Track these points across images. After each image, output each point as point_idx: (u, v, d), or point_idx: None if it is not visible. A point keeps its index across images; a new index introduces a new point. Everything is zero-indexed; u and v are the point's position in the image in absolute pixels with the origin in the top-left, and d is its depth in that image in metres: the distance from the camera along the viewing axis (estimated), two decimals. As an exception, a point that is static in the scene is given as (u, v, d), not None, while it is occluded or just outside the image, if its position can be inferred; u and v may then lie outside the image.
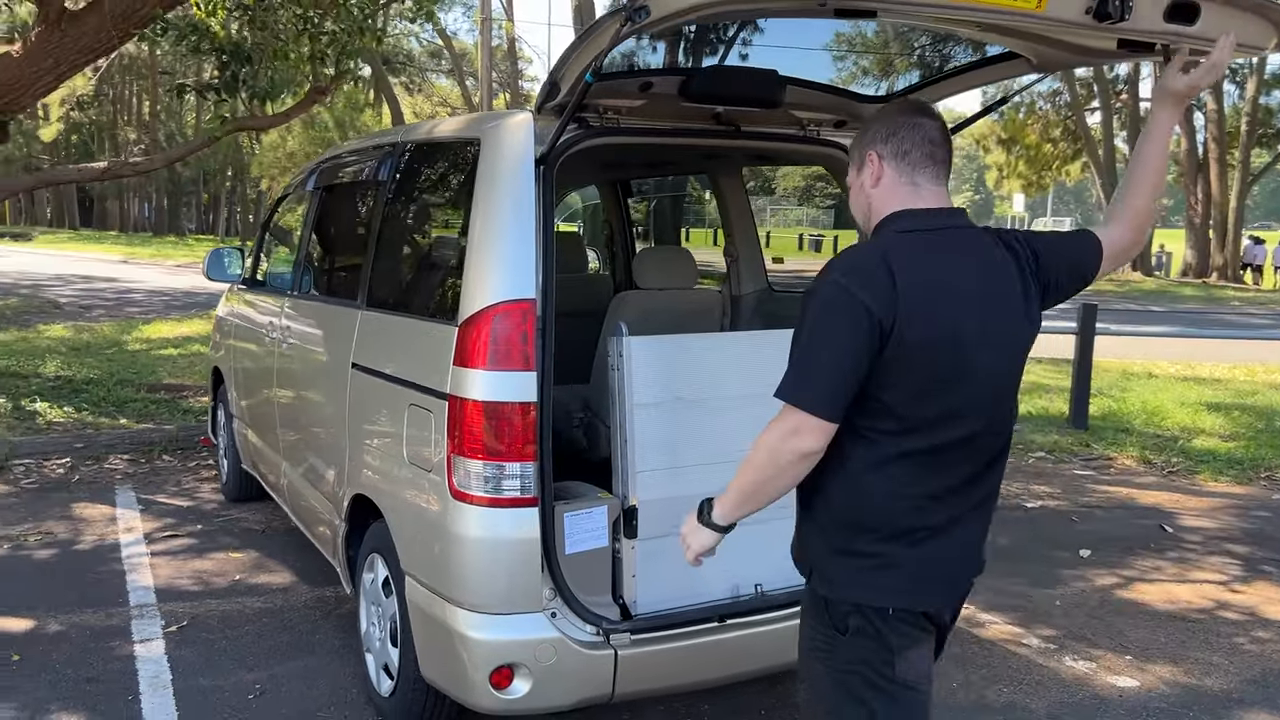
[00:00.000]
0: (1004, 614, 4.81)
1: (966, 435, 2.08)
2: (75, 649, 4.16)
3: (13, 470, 6.70)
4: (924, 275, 2.02)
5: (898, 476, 2.07)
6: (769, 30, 4.72)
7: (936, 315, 2.00)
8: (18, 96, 8.99)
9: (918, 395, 2.03)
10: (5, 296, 17.32)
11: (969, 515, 2.15)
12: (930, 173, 2.14)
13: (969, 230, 2.15)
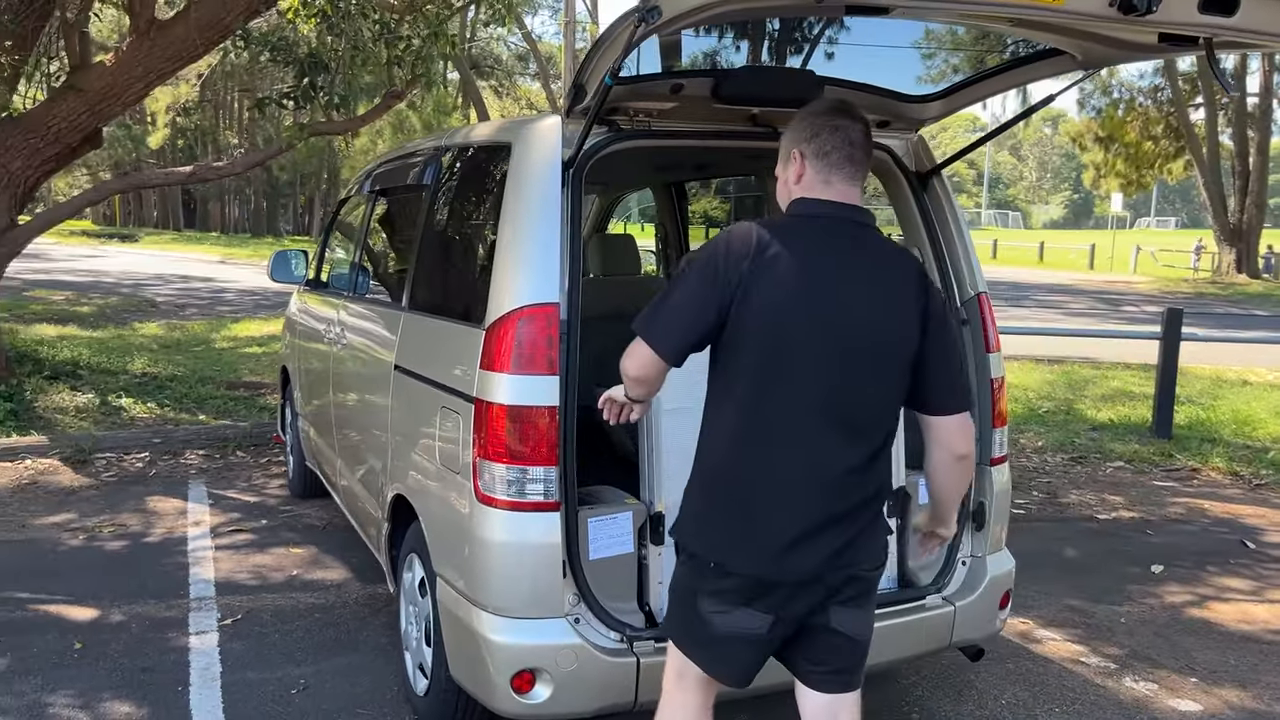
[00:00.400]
0: (1064, 630, 4.64)
1: (797, 416, 2.21)
2: (134, 639, 4.29)
3: (95, 463, 6.97)
4: (788, 252, 2.19)
5: (729, 439, 2.28)
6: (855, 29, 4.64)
7: (780, 291, 2.17)
8: (110, 104, 9.34)
9: (750, 363, 2.22)
10: (107, 295, 18.05)
11: (811, 499, 2.24)
12: (846, 173, 2.28)
13: (865, 230, 2.28)
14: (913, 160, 3.64)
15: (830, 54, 4.22)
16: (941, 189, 3.60)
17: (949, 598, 3.46)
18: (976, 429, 3.41)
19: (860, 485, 2.28)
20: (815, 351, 2.19)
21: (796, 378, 2.20)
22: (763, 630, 2.30)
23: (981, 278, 3.58)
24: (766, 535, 2.24)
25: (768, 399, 2.23)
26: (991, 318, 3.57)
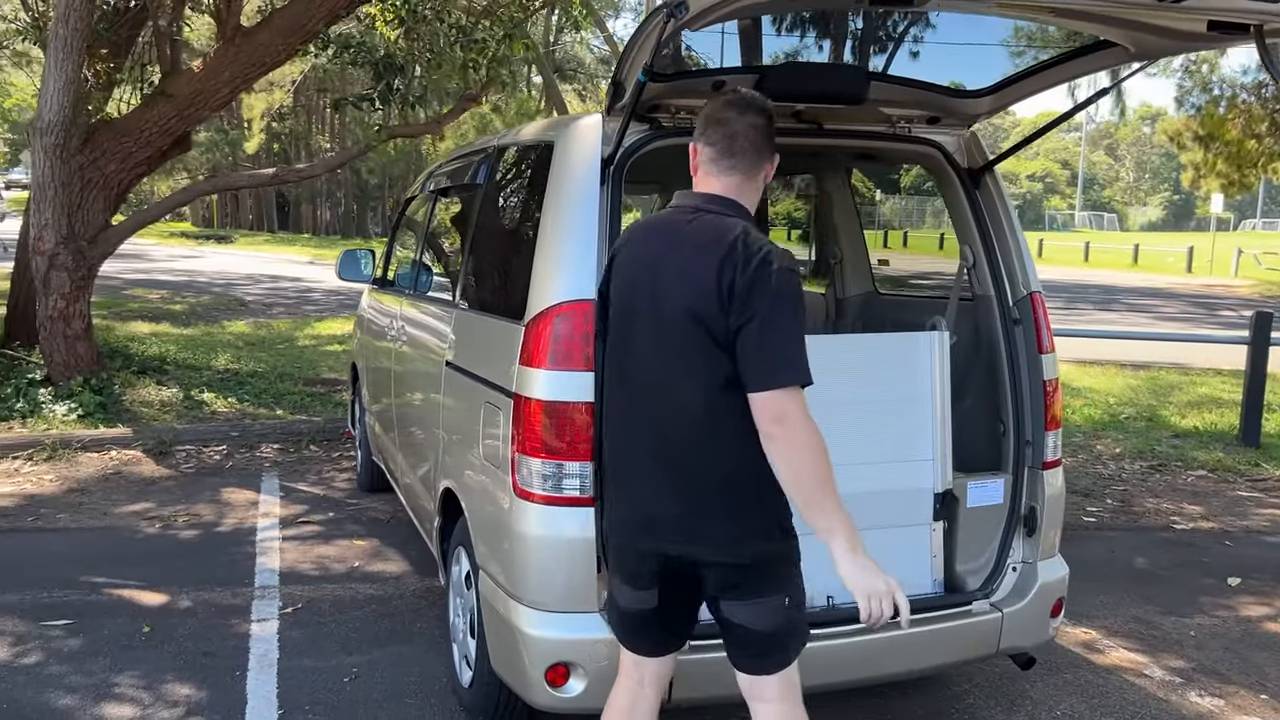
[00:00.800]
0: (1128, 640, 4.50)
1: (635, 397, 2.38)
2: (199, 624, 4.44)
3: (175, 455, 7.22)
4: (632, 245, 2.45)
5: (608, 422, 2.51)
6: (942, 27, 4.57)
7: (620, 280, 2.43)
8: (199, 108, 9.66)
9: (608, 349, 2.49)
10: (199, 295, 18.67)
11: (652, 480, 2.37)
12: (725, 165, 2.37)
13: (701, 214, 2.34)
14: (964, 157, 3.57)
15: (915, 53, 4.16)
16: (994, 186, 3.52)
17: (997, 604, 3.38)
18: (1029, 431, 3.35)
19: (697, 468, 2.31)
20: (641, 335, 2.36)
21: (632, 362, 2.39)
22: (650, 606, 2.45)
23: (1035, 277, 3.50)
24: (624, 512, 2.44)
25: (614, 382, 2.48)
26: (1045, 318, 3.48)
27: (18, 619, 4.46)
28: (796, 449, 2.24)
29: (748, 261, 2.22)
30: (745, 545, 2.34)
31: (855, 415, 3.29)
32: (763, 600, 2.37)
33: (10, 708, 3.69)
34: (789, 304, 2.22)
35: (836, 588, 3.20)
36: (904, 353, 3.37)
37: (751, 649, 2.43)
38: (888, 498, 3.34)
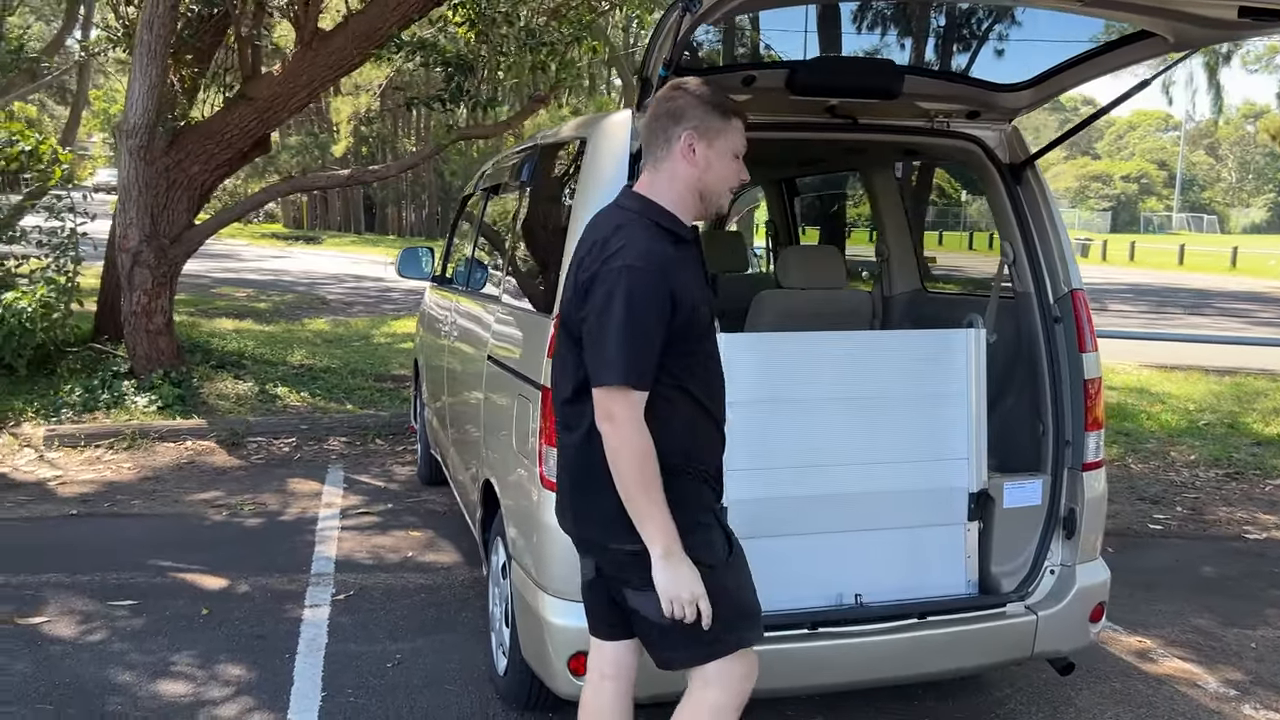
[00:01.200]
0: (1185, 650, 4.37)
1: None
2: (255, 608, 4.59)
3: (246, 446, 7.46)
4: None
5: None
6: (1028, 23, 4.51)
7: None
8: (278, 111, 9.95)
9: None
10: (284, 293, 19.19)
11: (559, 461, 2.52)
12: (644, 159, 2.44)
13: (604, 210, 2.45)
14: (1006, 152, 3.51)
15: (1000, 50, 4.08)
16: (1035, 181, 3.46)
17: (1032, 606, 3.32)
18: (1069, 432, 3.28)
19: (575, 457, 2.41)
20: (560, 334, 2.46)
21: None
22: (589, 576, 2.54)
23: (1076, 274, 3.43)
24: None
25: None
26: (1087, 316, 3.40)
27: (88, 598, 4.67)
28: (615, 450, 2.24)
29: (597, 258, 2.26)
30: (624, 535, 2.31)
31: (889, 412, 3.28)
32: (638, 587, 2.35)
33: (73, 682, 3.86)
34: (622, 302, 2.20)
35: (865, 585, 3.20)
36: (939, 350, 3.33)
37: (652, 640, 2.43)
38: (921, 497, 3.31)
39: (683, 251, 2.36)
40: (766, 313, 4.31)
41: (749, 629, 2.43)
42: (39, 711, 3.65)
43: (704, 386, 2.42)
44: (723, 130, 2.33)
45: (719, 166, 2.35)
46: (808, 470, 3.19)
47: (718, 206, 2.45)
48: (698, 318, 2.34)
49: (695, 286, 2.35)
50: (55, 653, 4.13)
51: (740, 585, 2.44)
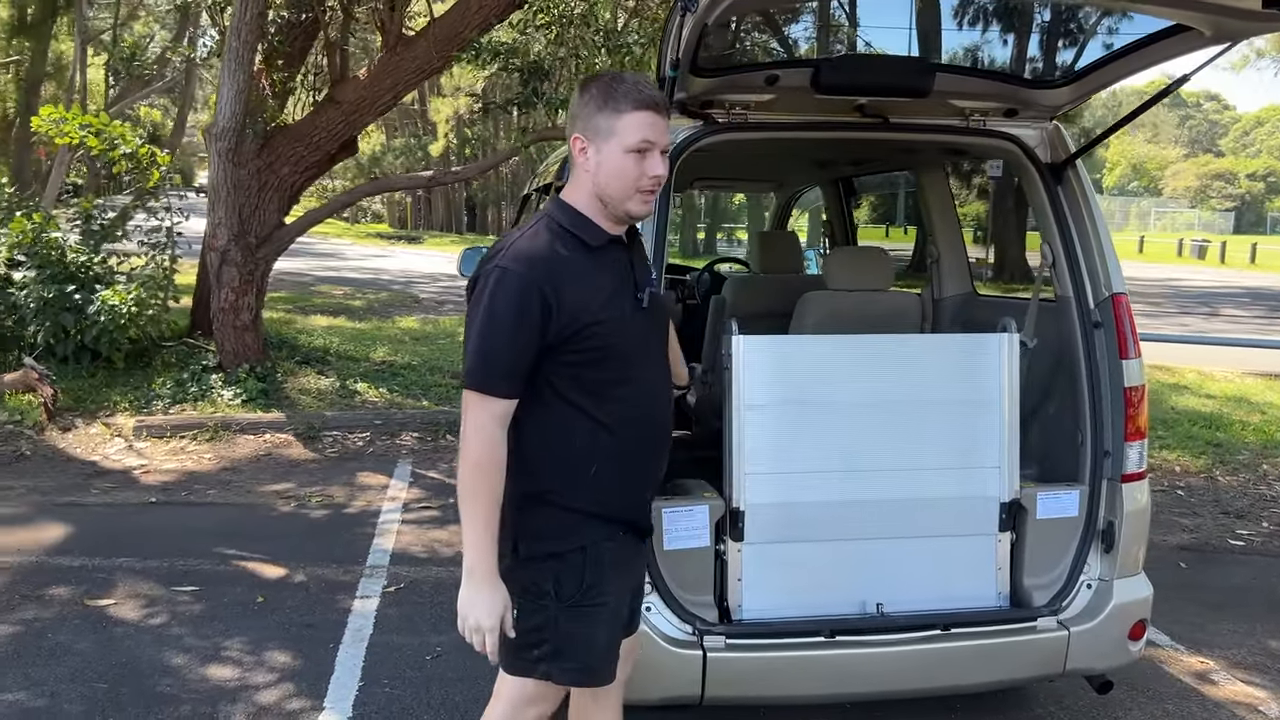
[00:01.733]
0: (1250, 673, 4.16)
1: None
2: (308, 598, 4.73)
3: (322, 439, 7.68)
4: None
5: None
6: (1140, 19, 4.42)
7: None
8: (363, 114, 10.21)
9: None
10: (379, 291, 19.67)
11: None
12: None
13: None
14: (1047, 151, 3.40)
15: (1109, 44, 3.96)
16: (1076, 181, 3.34)
17: (1065, 621, 3.20)
18: (1108, 442, 3.15)
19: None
20: None
21: None
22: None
23: (1119, 277, 3.29)
24: None
25: None
26: (1130, 321, 3.27)
27: (154, 583, 4.87)
28: (460, 451, 2.21)
29: (488, 259, 2.23)
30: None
31: (918, 418, 3.20)
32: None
33: (129, 663, 4.04)
34: (486, 304, 2.16)
35: (888, 594, 3.14)
36: (971, 355, 3.24)
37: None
38: (950, 505, 3.23)
39: (589, 257, 2.24)
40: (810, 314, 4.26)
41: (563, 671, 2.33)
42: (94, 689, 3.82)
43: (609, 411, 2.26)
44: (610, 129, 2.19)
45: (609, 166, 2.21)
46: (830, 475, 3.14)
47: (625, 210, 2.25)
48: (594, 331, 2.20)
49: (595, 296, 2.21)
50: (117, 634, 4.32)
51: (579, 633, 2.31)
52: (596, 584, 2.29)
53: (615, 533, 2.33)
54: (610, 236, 2.29)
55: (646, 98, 2.20)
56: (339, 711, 3.70)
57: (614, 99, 2.19)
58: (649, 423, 2.34)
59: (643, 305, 2.31)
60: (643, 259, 2.42)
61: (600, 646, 2.35)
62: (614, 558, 2.33)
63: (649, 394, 2.34)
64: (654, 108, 2.21)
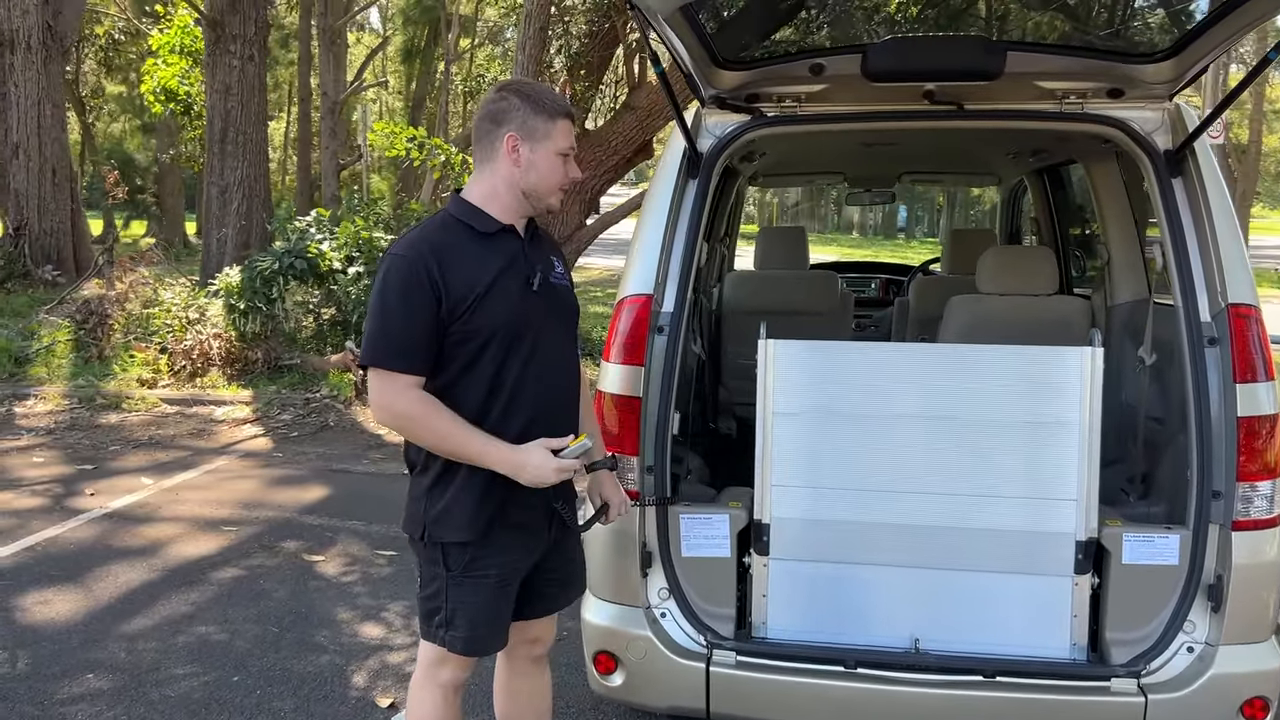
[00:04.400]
0: None
1: None
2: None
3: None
4: None
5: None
6: None
7: None
8: (655, 118, 10.67)
9: None
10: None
11: None
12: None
13: None
14: (1168, 136, 2.89)
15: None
16: (1196, 171, 2.82)
17: (1147, 687, 2.73)
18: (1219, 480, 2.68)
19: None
20: None
21: None
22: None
23: (1242, 286, 2.74)
24: None
25: None
26: (1255, 339, 2.71)
27: (364, 545, 5.46)
28: (400, 429, 2.41)
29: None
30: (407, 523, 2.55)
31: (978, 437, 2.87)
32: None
33: (306, 612, 4.58)
34: (379, 286, 2.31)
35: (925, 629, 2.89)
36: (1048, 370, 2.84)
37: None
38: (1014, 538, 2.86)
39: (477, 242, 2.38)
40: (954, 320, 3.95)
41: (454, 639, 2.48)
42: (267, 631, 4.38)
43: (499, 389, 2.37)
44: (545, 131, 2.36)
45: (542, 166, 2.38)
46: (870, 494, 2.90)
47: (546, 205, 2.45)
48: (481, 307, 2.31)
49: (480, 275, 2.33)
50: (310, 586, 4.90)
51: (466, 603, 2.46)
52: (481, 558, 2.43)
53: (508, 509, 2.42)
54: (501, 225, 2.41)
55: (567, 109, 2.44)
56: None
57: (543, 106, 2.37)
58: (539, 403, 2.43)
59: (533, 288, 2.42)
60: (544, 253, 2.53)
61: (483, 617, 2.48)
62: (507, 536, 2.45)
63: (539, 375, 2.43)
64: (571, 118, 2.45)
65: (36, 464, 7.15)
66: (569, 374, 2.56)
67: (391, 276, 2.31)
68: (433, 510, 2.43)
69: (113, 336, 9.96)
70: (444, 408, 2.32)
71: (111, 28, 26.01)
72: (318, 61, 22.52)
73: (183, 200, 30.61)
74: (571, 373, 2.58)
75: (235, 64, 12.06)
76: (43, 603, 4.67)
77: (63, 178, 14.91)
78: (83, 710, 3.70)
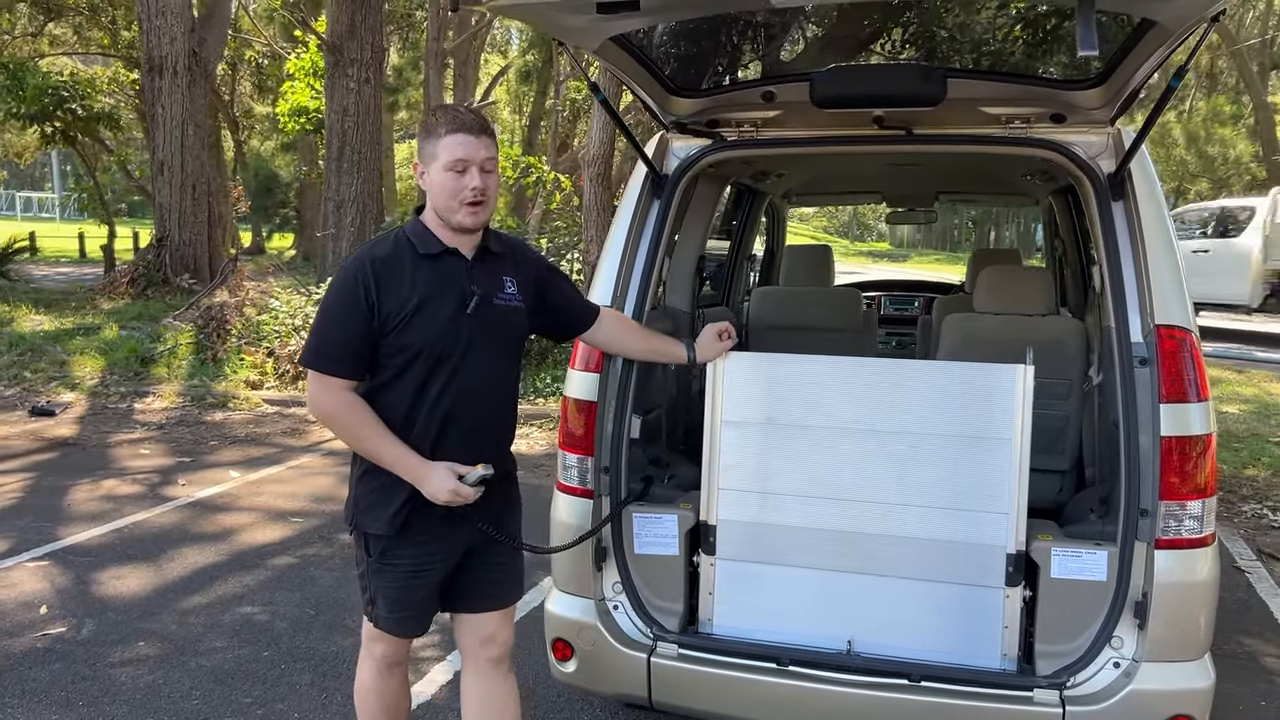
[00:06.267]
0: None
1: None
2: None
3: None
4: None
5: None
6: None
7: None
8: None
9: None
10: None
11: None
12: None
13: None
14: (1112, 160, 2.94)
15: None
16: (1133, 194, 2.86)
17: (1069, 698, 2.78)
18: (1148, 498, 2.72)
19: None
20: None
21: None
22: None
23: (1173, 307, 2.76)
24: None
25: None
26: (1183, 360, 2.73)
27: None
28: (334, 430, 2.61)
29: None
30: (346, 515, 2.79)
31: (913, 449, 2.97)
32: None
33: (343, 598, 4.92)
34: (326, 294, 2.57)
35: (857, 632, 3.02)
36: (981, 386, 2.92)
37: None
38: (945, 548, 2.94)
39: (418, 262, 2.55)
40: (948, 338, 4.03)
41: (378, 619, 2.76)
42: (304, 613, 4.75)
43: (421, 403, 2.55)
44: (432, 151, 2.49)
45: (436, 183, 2.51)
46: (811, 500, 3.03)
47: (455, 221, 2.54)
48: (409, 325, 2.49)
49: (410, 294, 2.49)
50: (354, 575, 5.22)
51: (383, 588, 2.71)
52: (393, 549, 2.66)
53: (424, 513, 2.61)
54: (445, 247, 2.59)
55: (460, 122, 2.50)
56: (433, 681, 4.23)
57: (434, 127, 2.52)
58: (459, 421, 2.61)
59: (467, 310, 2.57)
60: (493, 274, 2.66)
61: (400, 601, 2.71)
62: (418, 534, 2.64)
63: (461, 394, 2.59)
64: (467, 130, 2.50)
65: (143, 455, 7.80)
66: (496, 395, 2.68)
67: (335, 286, 2.54)
68: (360, 502, 2.67)
69: (228, 341, 10.69)
70: (369, 412, 2.52)
71: (258, 53, 27.66)
72: (451, 83, 23.51)
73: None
74: (500, 393, 2.70)
75: (352, 86, 12.78)
76: (117, 578, 5.16)
77: (201, 192, 15.99)
78: (127, 673, 4.12)
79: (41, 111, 17.34)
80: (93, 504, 6.44)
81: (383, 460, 2.55)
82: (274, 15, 25.96)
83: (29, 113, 17.33)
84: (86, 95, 18.35)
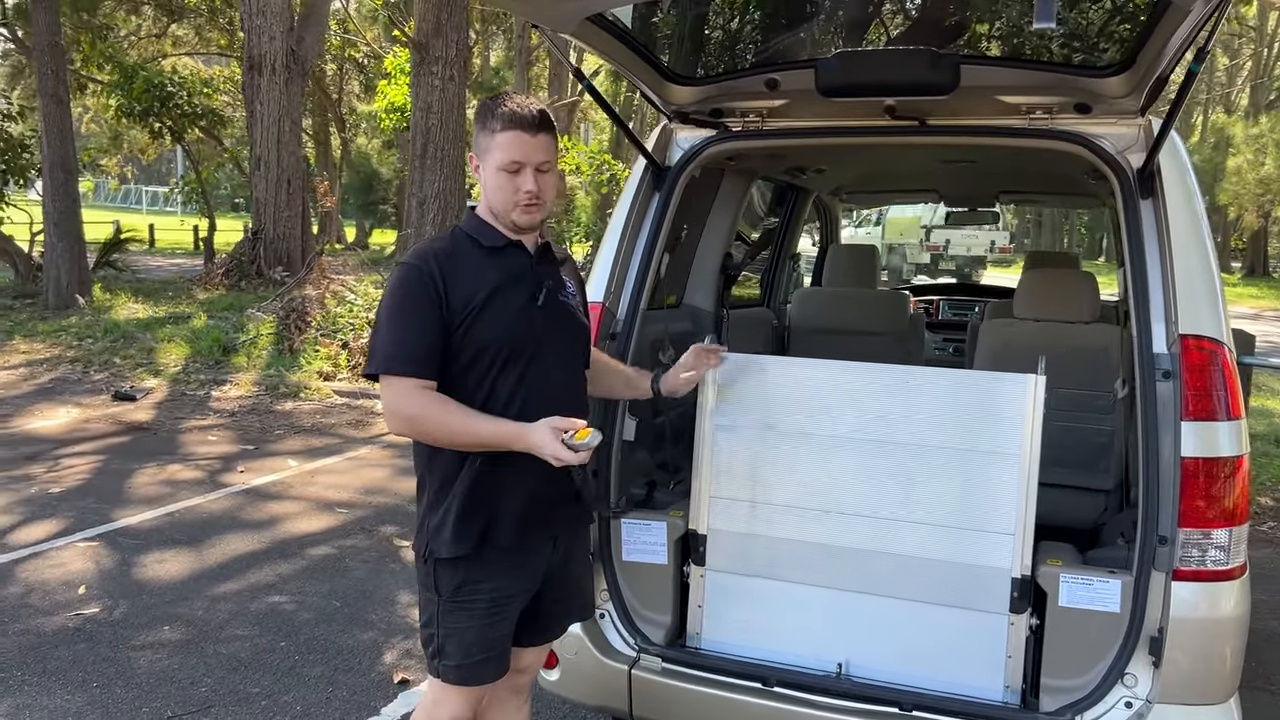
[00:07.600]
0: None
1: None
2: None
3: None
4: None
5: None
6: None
7: None
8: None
9: None
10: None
11: None
12: None
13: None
14: (1142, 154, 2.69)
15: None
16: (1163, 192, 2.61)
17: (1073, 738, 2.55)
18: (1165, 525, 2.51)
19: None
20: None
21: None
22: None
23: (1201, 316, 2.51)
24: None
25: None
26: (1210, 374, 2.48)
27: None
28: (420, 433, 2.33)
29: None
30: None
31: (914, 462, 2.78)
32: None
33: (370, 591, 4.91)
34: (386, 297, 2.32)
35: (851, 653, 2.87)
36: (988, 397, 2.71)
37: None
38: (944, 569, 2.74)
39: (483, 256, 2.34)
40: (985, 343, 3.82)
41: (445, 669, 2.41)
42: (330, 605, 4.75)
43: (496, 405, 2.32)
44: (487, 147, 2.29)
45: (489, 182, 2.32)
46: (805, 512, 2.85)
47: (510, 220, 2.34)
48: (480, 319, 2.28)
49: (479, 287, 2.29)
50: (385, 569, 5.25)
51: (455, 630, 2.38)
52: (470, 581, 2.37)
53: (499, 531, 2.38)
54: (509, 240, 2.39)
55: (518, 118, 2.26)
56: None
57: (490, 119, 2.29)
58: (532, 420, 2.30)
59: (538, 303, 2.39)
60: (556, 270, 2.50)
61: (476, 643, 2.39)
62: (498, 556, 2.39)
63: (534, 392, 2.37)
64: (523, 127, 2.27)
65: (210, 441, 7.98)
66: (568, 393, 2.47)
67: (399, 284, 2.30)
68: (430, 525, 2.39)
69: (306, 332, 10.90)
70: (448, 399, 2.28)
71: (361, 52, 28.31)
72: (545, 82, 23.66)
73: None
74: (572, 392, 2.50)
75: (436, 84, 12.92)
76: (159, 561, 5.25)
77: (296, 188, 16.39)
78: (145, 656, 4.16)
79: (148, 108, 17.97)
80: (152, 488, 6.59)
81: (481, 438, 2.26)
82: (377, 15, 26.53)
83: (138, 109, 17.98)
84: (192, 92, 18.96)
